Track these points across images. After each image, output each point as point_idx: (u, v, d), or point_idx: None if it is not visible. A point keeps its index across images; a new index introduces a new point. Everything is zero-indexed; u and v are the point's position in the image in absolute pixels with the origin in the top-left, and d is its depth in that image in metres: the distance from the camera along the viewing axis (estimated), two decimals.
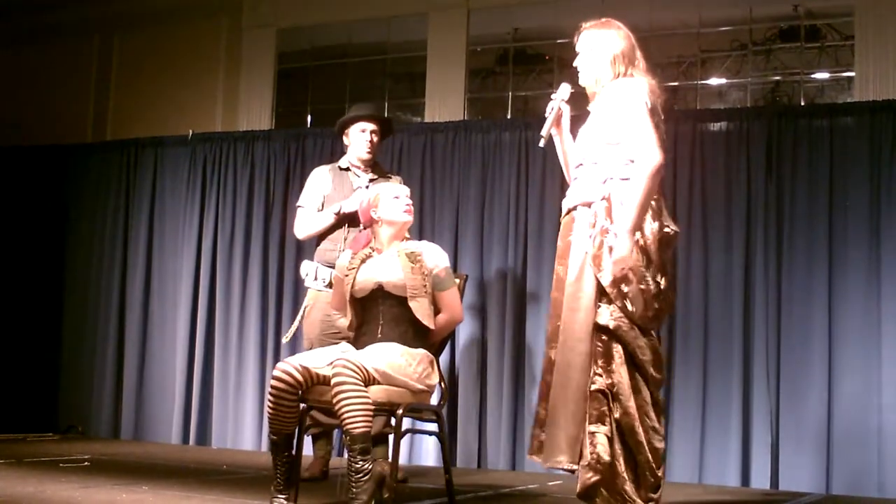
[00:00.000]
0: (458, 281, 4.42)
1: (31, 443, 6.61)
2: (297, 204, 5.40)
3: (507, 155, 6.37)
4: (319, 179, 5.36)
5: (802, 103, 6.08)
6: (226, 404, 6.86)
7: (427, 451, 6.24)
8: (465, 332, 6.23)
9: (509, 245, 6.25)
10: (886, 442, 5.34)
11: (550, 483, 5.37)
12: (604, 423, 3.51)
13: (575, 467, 3.52)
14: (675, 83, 6.39)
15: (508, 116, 6.70)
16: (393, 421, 3.93)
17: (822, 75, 6.19)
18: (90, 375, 7.39)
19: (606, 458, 3.48)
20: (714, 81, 6.38)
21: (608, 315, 3.54)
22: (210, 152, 7.21)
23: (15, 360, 7.47)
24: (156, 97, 7.69)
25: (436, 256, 4.23)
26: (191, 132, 7.30)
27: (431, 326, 4.14)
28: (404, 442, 6.01)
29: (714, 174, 5.90)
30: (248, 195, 7.02)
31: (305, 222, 5.32)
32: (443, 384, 4.27)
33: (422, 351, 4.09)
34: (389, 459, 4.11)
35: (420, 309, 4.10)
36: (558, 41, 6.65)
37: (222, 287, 6.97)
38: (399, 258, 4.15)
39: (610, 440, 3.50)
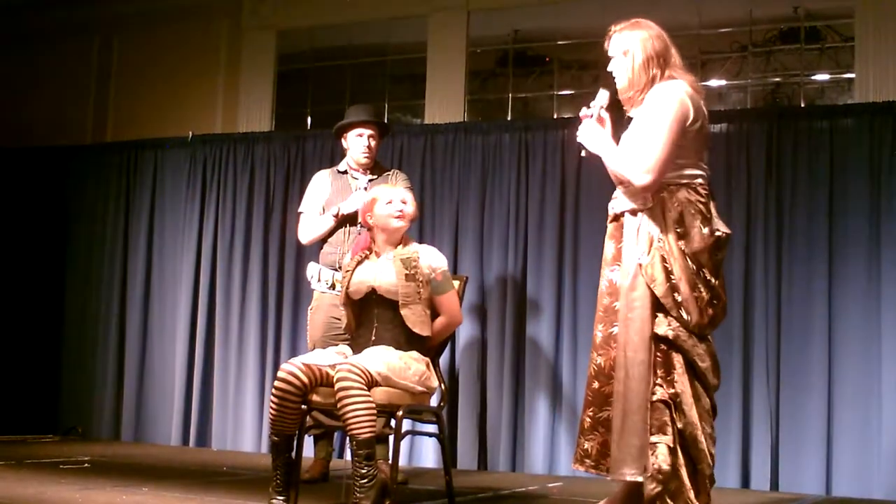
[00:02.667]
0: (457, 283, 4.42)
1: (31, 444, 6.62)
2: (299, 210, 5.42)
3: (507, 157, 6.37)
4: (319, 184, 5.38)
5: (803, 105, 6.08)
6: (226, 406, 6.86)
7: (427, 453, 6.24)
8: (465, 334, 6.23)
9: (509, 246, 6.25)
10: (887, 443, 5.34)
11: (551, 485, 5.37)
12: (665, 434, 3.49)
13: (640, 478, 3.51)
14: None
15: (508, 118, 6.69)
16: (393, 422, 3.93)
17: (822, 77, 6.19)
18: (90, 377, 7.40)
19: (667, 467, 3.46)
20: (714, 83, 6.38)
21: (666, 325, 3.51)
22: (210, 154, 7.22)
23: (15, 362, 7.47)
24: (156, 99, 7.69)
25: (433, 260, 4.21)
26: (191, 134, 7.31)
27: (425, 333, 4.13)
28: (404, 443, 6.01)
29: (714, 175, 5.78)
30: (248, 197, 7.02)
31: (307, 227, 5.33)
32: (442, 386, 4.27)
33: (416, 354, 4.10)
34: (389, 460, 4.11)
35: (412, 317, 4.09)
36: (558, 43, 6.65)
37: (222, 288, 6.98)
38: (394, 263, 4.15)
39: (671, 450, 3.49)
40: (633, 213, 3.60)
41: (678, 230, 3.53)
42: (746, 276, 5.74)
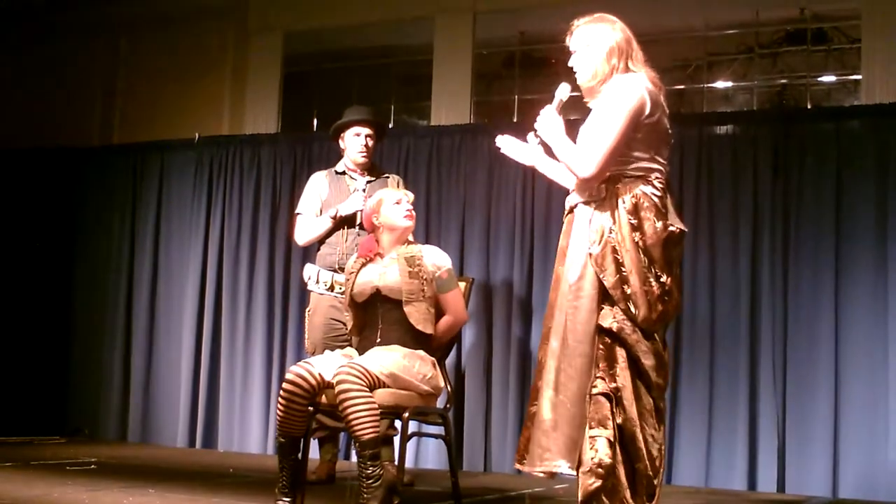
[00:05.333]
0: (463, 285, 4.43)
1: (38, 446, 6.62)
2: (296, 211, 5.43)
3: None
4: (316, 185, 5.38)
5: (809, 106, 6.08)
6: (232, 407, 6.87)
7: (433, 454, 6.24)
8: (471, 335, 6.23)
9: (515, 248, 6.25)
10: (893, 444, 5.33)
11: (556, 486, 5.37)
12: (606, 428, 3.42)
13: (573, 472, 3.48)
14: (682, 86, 6.38)
15: (514, 120, 6.69)
16: (398, 423, 3.93)
17: (828, 78, 6.19)
18: (97, 378, 7.41)
19: (608, 461, 3.39)
20: (721, 85, 6.38)
21: (611, 317, 3.44)
22: (216, 156, 7.23)
23: (22, 364, 7.48)
24: (162, 101, 7.70)
25: (437, 259, 4.24)
26: (197, 136, 7.31)
27: (428, 331, 4.13)
28: (410, 445, 6.01)
29: (721, 177, 5.90)
30: (254, 199, 7.03)
31: (304, 229, 5.33)
32: (449, 387, 4.27)
33: (423, 353, 4.10)
34: (395, 462, 4.11)
35: (415, 314, 4.10)
36: (564, 44, 6.63)
37: (228, 290, 6.98)
38: (398, 262, 4.16)
39: (611, 445, 3.44)
40: (586, 204, 3.57)
41: (632, 222, 3.47)
42: (753, 278, 5.73)
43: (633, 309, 3.44)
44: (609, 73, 3.63)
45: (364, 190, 5.20)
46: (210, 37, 7.65)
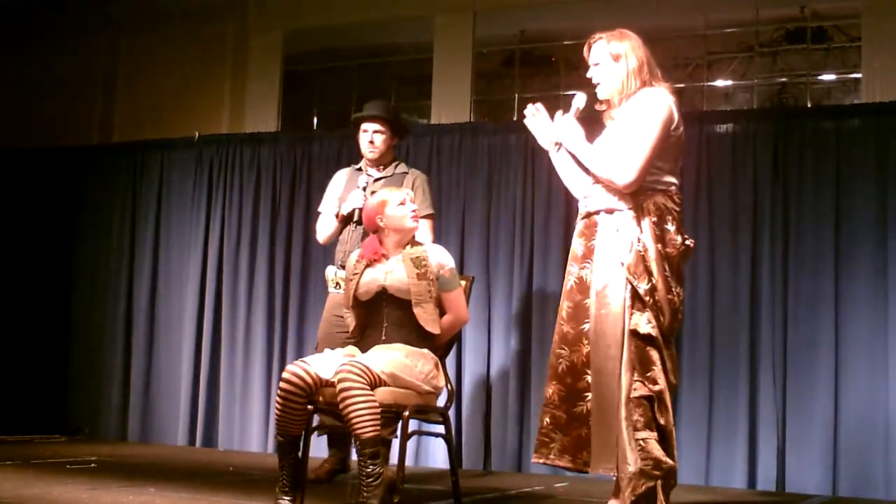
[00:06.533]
0: (463, 283, 4.43)
1: (38, 444, 6.62)
2: (318, 209, 5.44)
3: (514, 157, 6.37)
4: (336, 182, 5.41)
5: (809, 105, 6.08)
6: (232, 406, 6.87)
7: (433, 453, 6.24)
8: (471, 334, 6.23)
9: (515, 247, 6.25)
10: (893, 443, 5.33)
11: (557, 485, 5.37)
12: (652, 430, 3.53)
13: (612, 474, 3.54)
14: (682, 85, 6.37)
15: (515, 119, 6.69)
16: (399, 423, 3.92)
17: (828, 77, 6.18)
18: (97, 377, 7.41)
19: (666, 459, 3.50)
20: (720, 83, 6.38)
21: (646, 322, 3.55)
22: (216, 154, 7.23)
23: (23, 363, 7.48)
24: (162, 99, 7.70)
25: (440, 257, 4.23)
26: (197, 134, 7.31)
27: (436, 331, 4.14)
28: (410, 444, 6.01)
29: (720, 176, 5.90)
30: (254, 197, 7.03)
31: (320, 227, 5.36)
32: (449, 386, 4.27)
33: (426, 351, 4.10)
34: (390, 461, 4.11)
35: (424, 315, 4.10)
36: (564, 43, 6.65)
37: (229, 288, 6.99)
38: (404, 263, 4.16)
39: (659, 444, 3.52)
40: (610, 212, 3.65)
41: (657, 233, 3.60)
42: (753, 277, 5.73)
43: (661, 317, 3.58)
44: (637, 86, 3.74)
45: (364, 188, 5.19)
46: (210, 35, 7.64)
